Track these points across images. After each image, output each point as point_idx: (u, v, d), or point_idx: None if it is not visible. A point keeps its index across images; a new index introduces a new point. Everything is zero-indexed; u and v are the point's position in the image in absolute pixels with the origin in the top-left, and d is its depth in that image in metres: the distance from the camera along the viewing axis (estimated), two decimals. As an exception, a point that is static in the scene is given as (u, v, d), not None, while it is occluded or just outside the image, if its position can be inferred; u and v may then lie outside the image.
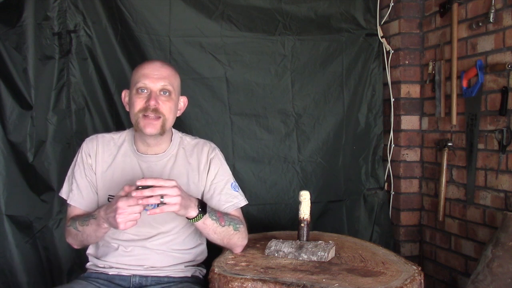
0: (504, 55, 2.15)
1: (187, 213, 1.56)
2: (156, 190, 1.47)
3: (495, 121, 2.20)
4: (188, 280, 1.80)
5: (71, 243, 1.78)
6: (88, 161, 1.78)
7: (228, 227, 1.69)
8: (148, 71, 1.71)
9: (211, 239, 1.71)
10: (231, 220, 1.71)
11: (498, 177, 2.19)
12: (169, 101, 1.72)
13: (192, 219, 1.59)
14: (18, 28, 2.24)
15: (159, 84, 1.70)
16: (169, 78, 1.72)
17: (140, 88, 1.69)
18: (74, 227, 1.70)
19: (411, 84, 2.74)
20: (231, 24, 2.51)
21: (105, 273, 1.77)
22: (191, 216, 1.58)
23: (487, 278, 1.86)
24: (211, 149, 1.85)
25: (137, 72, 1.73)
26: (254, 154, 2.56)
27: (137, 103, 1.69)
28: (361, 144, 2.77)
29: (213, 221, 1.63)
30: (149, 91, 1.69)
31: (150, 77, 1.69)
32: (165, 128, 1.72)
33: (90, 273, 1.80)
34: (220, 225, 1.66)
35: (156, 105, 1.67)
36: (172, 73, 1.76)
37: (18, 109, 2.26)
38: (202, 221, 1.61)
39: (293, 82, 2.62)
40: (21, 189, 2.26)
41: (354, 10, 2.73)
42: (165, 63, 1.80)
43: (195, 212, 1.57)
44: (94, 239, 1.71)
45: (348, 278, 1.53)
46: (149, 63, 1.77)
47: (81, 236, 1.69)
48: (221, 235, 1.68)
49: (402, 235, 2.77)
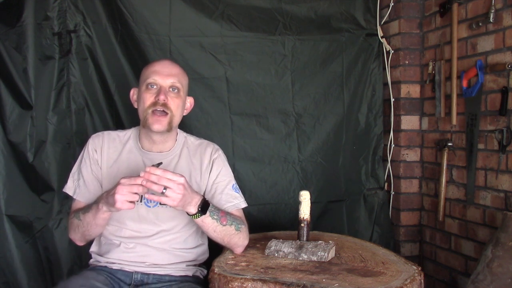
0: (504, 55, 2.15)
1: (185, 209, 1.58)
2: (162, 179, 1.49)
3: (495, 121, 2.20)
4: (189, 279, 1.80)
5: (73, 238, 1.79)
6: (94, 156, 1.81)
7: (229, 227, 1.70)
8: (158, 68, 1.75)
9: (211, 237, 1.72)
10: (233, 220, 1.72)
11: (498, 177, 2.19)
12: (178, 98, 1.75)
13: (191, 216, 1.61)
14: (18, 28, 2.24)
15: (168, 81, 1.73)
16: (178, 76, 1.77)
17: (150, 83, 1.73)
18: (77, 217, 1.70)
19: (411, 84, 2.74)
20: (231, 24, 2.51)
21: (108, 267, 1.79)
22: (190, 213, 1.60)
23: (487, 278, 1.86)
24: (214, 150, 1.88)
25: (147, 69, 1.78)
26: (254, 154, 2.56)
27: (147, 98, 1.72)
28: (361, 144, 2.77)
29: (213, 220, 1.64)
30: (159, 86, 1.73)
31: (160, 73, 1.73)
32: (172, 125, 1.74)
33: (93, 267, 1.82)
34: (220, 224, 1.67)
35: (165, 100, 1.71)
36: (181, 72, 1.81)
37: (18, 109, 2.26)
38: (201, 220, 1.63)
39: (293, 82, 2.62)
40: (21, 189, 2.25)
41: (354, 10, 2.73)
42: (174, 62, 1.84)
43: (194, 210, 1.59)
44: (94, 228, 1.70)
45: (348, 278, 1.53)
46: (159, 61, 1.82)
47: (82, 226, 1.70)
48: (221, 234, 1.69)
49: (402, 235, 2.77)
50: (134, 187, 1.49)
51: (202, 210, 1.60)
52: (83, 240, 1.79)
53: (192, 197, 1.57)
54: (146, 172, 1.48)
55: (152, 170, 1.49)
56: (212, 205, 1.66)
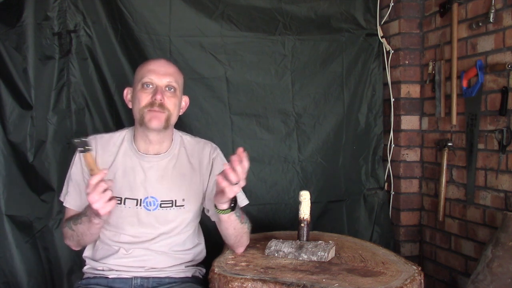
0: (504, 55, 2.15)
1: (223, 204, 1.56)
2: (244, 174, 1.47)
3: (495, 121, 2.20)
4: (189, 280, 1.80)
5: (69, 244, 1.77)
6: None
7: (245, 225, 1.71)
8: (154, 67, 1.73)
9: (228, 234, 1.70)
10: (247, 219, 1.73)
11: (498, 177, 2.19)
12: (174, 97, 1.74)
13: (220, 210, 1.59)
14: (18, 28, 2.24)
15: (165, 80, 1.72)
16: (174, 75, 1.75)
17: (145, 83, 1.71)
18: (69, 227, 1.69)
19: (411, 84, 2.74)
20: (231, 24, 2.51)
21: (104, 276, 1.75)
22: (223, 208, 1.58)
23: (487, 278, 1.86)
24: (212, 149, 1.87)
25: (142, 68, 1.76)
26: (254, 154, 2.56)
27: (143, 98, 1.70)
28: (361, 144, 2.77)
29: (236, 217, 1.64)
30: (155, 86, 1.71)
31: (156, 72, 1.72)
32: (169, 122, 1.73)
33: (88, 279, 1.78)
34: (240, 222, 1.67)
35: (162, 100, 1.69)
36: (177, 71, 1.79)
37: (18, 109, 2.26)
38: (228, 216, 1.61)
39: (293, 82, 2.62)
40: (21, 189, 2.25)
41: (354, 10, 2.72)
42: (169, 61, 1.82)
43: (226, 206, 1.58)
44: (89, 237, 1.69)
45: (348, 278, 1.53)
46: (154, 60, 1.80)
47: (76, 235, 1.68)
48: (239, 231, 1.69)
49: (402, 235, 2.76)
50: (98, 187, 1.43)
51: (233, 207, 1.59)
52: (78, 246, 1.78)
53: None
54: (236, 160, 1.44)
55: (245, 160, 1.45)
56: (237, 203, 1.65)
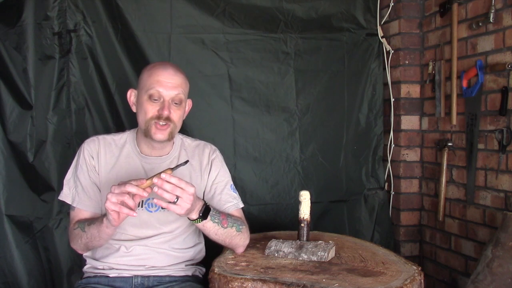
0: (504, 55, 2.15)
1: (188, 216, 1.58)
2: (176, 189, 1.45)
3: (495, 121, 2.20)
4: (189, 279, 1.80)
5: (75, 248, 1.75)
6: (91, 162, 1.76)
7: (230, 229, 1.70)
8: (162, 78, 1.68)
9: (213, 239, 1.72)
10: (234, 222, 1.72)
11: (498, 177, 2.19)
12: (180, 109, 1.73)
13: (193, 220, 1.61)
14: (18, 28, 2.24)
15: (172, 93, 1.69)
16: (182, 86, 1.72)
17: (153, 95, 1.67)
18: (82, 228, 1.66)
19: (411, 84, 2.74)
20: (233, 21, 2.50)
21: (105, 275, 1.75)
22: (191, 218, 1.60)
23: (487, 278, 1.86)
24: (212, 151, 1.88)
25: (150, 76, 1.70)
26: (256, 153, 2.56)
27: (149, 110, 1.68)
28: (362, 144, 2.77)
29: (214, 224, 1.64)
30: (162, 99, 1.68)
31: (164, 85, 1.68)
32: (173, 134, 1.74)
33: (89, 279, 1.78)
34: (222, 227, 1.67)
35: (168, 115, 1.68)
36: (184, 80, 1.74)
37: (18, 109, 2.26)
38: (202, 224, 1.63)
39: (296, 80, 2.61)
40: (21, 189, 2.25)
41: (354, 9, 2.72)
42: (177, 69, 1.74)
43: (195, 216, 1.59)
44: (98, 241, 1.67)
45: (348, 278, 1.53)
46: (162, 68, 1.71)
47: (85, 237, 1.66)
48: (223, 236, 1.69)
49: (402, 235, 2.77)
50: (123, 196, 1.44)
51: (203, 216, 1.60)
52: (85, 250, 1.76)
53: (196, 203, 1.56)
54: (160, 179, 1.44)
55: (167, 177, 1.45)
56: (213, 209, 1.66)
